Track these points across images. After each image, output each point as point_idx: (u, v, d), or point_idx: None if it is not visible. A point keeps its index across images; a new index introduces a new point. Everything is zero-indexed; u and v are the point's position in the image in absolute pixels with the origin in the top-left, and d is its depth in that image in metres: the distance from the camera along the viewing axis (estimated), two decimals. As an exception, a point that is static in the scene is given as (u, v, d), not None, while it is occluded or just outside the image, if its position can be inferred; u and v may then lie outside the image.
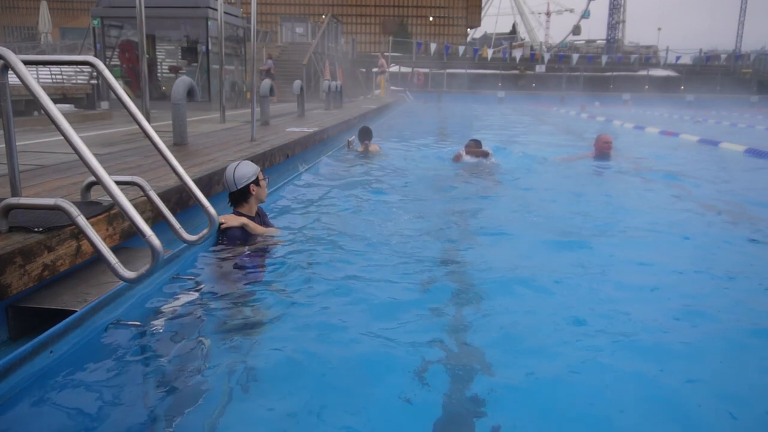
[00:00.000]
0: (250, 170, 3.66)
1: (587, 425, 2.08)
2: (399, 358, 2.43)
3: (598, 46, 54.04)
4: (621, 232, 4.67)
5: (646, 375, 2.36)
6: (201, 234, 2.95)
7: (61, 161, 4.52)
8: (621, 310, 2.99)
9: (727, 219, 5.30)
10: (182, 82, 5.79)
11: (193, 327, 2.62)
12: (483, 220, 5.11)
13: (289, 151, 6.50)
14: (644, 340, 2.67)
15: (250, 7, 7.35)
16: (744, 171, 8.54)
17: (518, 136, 13.01)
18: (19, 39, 37.36)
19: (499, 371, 2.40)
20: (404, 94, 28.08)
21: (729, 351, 2.64)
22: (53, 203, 2.32)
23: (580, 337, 2.72)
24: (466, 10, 41.69)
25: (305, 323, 2.75)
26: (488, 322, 2.87)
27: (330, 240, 4.10)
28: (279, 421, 2.03)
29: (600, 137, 8.02)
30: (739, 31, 48.53)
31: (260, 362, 2.40)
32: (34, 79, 2.32)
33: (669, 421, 2.11)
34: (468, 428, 2.07)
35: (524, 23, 65.70)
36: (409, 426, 2.04)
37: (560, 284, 3.36)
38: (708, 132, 13.88)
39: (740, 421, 2.10)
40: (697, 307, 3.10)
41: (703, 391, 2.30)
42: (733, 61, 35.08)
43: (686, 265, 3.85)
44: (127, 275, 2.22)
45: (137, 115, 2.88)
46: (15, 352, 2.03)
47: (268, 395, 2.19)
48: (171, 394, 2.15)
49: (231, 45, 13.02)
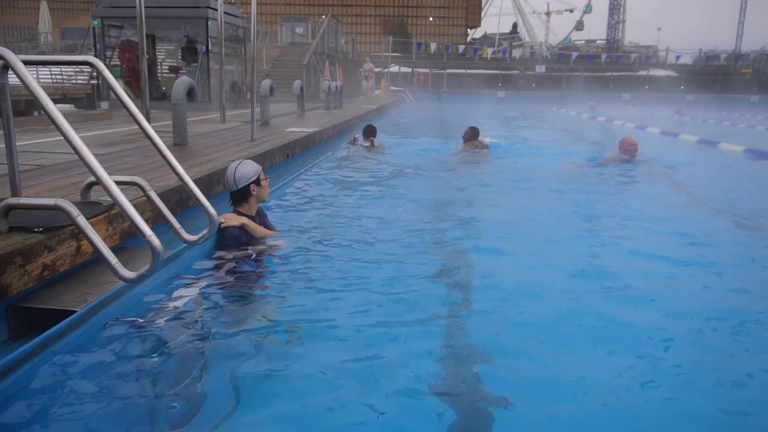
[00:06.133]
0: (251, 170, 3.65)
1: (593, 423, 2.08)
2: (401, 358, 2.43)
3: (598, 46, 53.98)
4: (629, 227, 4.68)
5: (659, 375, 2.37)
6: (201, 234, 2.95)
7: (61, 161, 4.52)
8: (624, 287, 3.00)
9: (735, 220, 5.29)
10: (182, 82, 5.79)
11: (193, 327, 2.62)
12: (486, 211, 5.13)
13: (289, 151, 6.50)
14: (645, 335, 2.67)
15: (250, 7, 7.36)
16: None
17: (521, 134, 13.03)
18: (19, 39, 37.37)
19: (508, 367, 2.40)
20: (404, 94, 28.07)
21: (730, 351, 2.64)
22: (53, 203, 2.32)
23: (592, 330, 2.72)
24: (466, 10, 41.69)
25: (305, 323, 2.75)
26: (492, 320, 2.87)
27: (330, 239, 4.10)
28: (279, 421, 2.03)
29: (625, 140, 7.79)
30: (739, 31, 48.58)
31: (260, 362, 2.40)
32: (34, 79, 2.32)
33: (668, 422, 2.11)
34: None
35: (525, 23, 65.71)
36: (413, 426, 2.04)
37: (569, 278, 3.38)
38: (698, 130, 13.90)
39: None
40: (699, 307, 3.10)
41: (713, 393, 2.30)
42: (733, 61, 35.09)
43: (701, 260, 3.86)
44: (127, 275, 2.22)
45: (137, 115, 2.88)
46: (15, 352, 2.03)
47: (268, 395, 2.19)
48: (171, 393, 2.15)
49: (231, 45, 13.00)
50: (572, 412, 2.14)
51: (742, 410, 2.18)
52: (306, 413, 2.08)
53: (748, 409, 2.19)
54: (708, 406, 2.20)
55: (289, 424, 2.02)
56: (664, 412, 2.15)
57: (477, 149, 8.72)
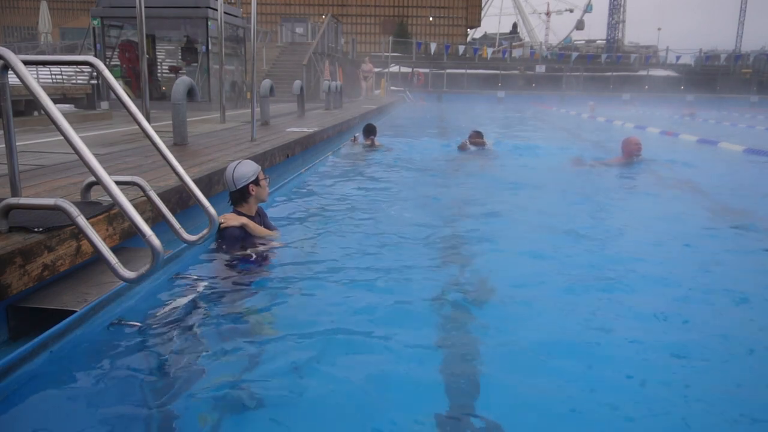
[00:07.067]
0: (250, 170, 3.65)
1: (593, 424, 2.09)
2: (403, 358, 2.43)
3: (598, 46, 54.01)
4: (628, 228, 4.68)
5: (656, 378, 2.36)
6: (201, 234, 2.95)
7: (61, 161, 4.52)
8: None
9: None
10: (182, 82, 5.79)
11: (193, 327, 2.62)
12: (486, 210, 5.13)
13: (289, 151, 6.50)
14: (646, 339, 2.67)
15: (250, 7, 7.36)
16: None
17: (521, 134, 13.03)
18: (19, 39, 37.38)
19: (508, 370, 2.40)
20: (404, 95, 28.08)
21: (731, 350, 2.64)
22: (53, 203, 2.32)
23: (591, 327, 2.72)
24: (466, 10, 41.69)
25: (305, 323, 2.75)
26: (492, 319, 2.87)
27: (330, 239, 4.10)
28: (279, 421, 2.03)
29: (629, 140, 7.71)
30: (739, 31, 48.59)
31: (260, 362, 2.40)
32: (34, 79, 2.32)
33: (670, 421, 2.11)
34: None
35: (524, 23, 65.76)
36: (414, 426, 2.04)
37: (569, 276, 3.38)
38: (707, 130, 13.89)
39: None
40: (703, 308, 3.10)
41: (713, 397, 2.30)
42: (733, 62, 35.08)
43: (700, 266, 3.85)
44: (127, 275, 2.22)
45: (137, 115, 2.88)
46: (15, 352, 2.03)
47: (268, 395, 2.19)
48: (171, 394, 2.15)
49: (231, 45, 13.01)
50: (573, 412, 2.14)
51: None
52: (306, 413, 2.08)
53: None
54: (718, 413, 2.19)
55: (289, 423, 2.02)
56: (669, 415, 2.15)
57: (479, 146, 8.79)
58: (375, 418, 2.06)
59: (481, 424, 2.03)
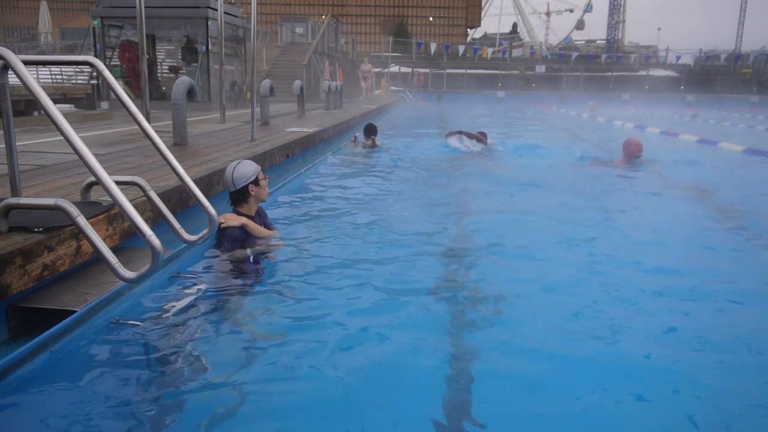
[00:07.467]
0: (249, 170, 3.65)
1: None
2: (403, 358, 2.43)
3: (598, 46, 54.01)
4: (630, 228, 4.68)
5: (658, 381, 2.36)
6: (201, 234, 2.94)
7: (61, 161, 4.52)
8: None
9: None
10: (182, 82, 5.79)
11: (193, 327, 2.62)
12: (486, 210, 5.13)
13: (289, 151, 6.50)
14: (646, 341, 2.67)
15: (250, 7, 7.36)
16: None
17: (521, 134, 13.03)
18: (19, 39, 37.39)
19: (506, 366, 2.40)
20: (404, 95, 28.08)
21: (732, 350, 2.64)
22: (53, 203, 2.32)
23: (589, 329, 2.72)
24: (466, 10, 41.69)
25: (305, 323, 2.75)
26: (493, 320, 2.87)
27: (330, 239, 4.10)
28: (278, 421, 2.03)
29: (630, 141, 7.69)
30: (739, 31, 48.58)
31: (260, 362, 2.40)
32: (34, 79, 2.32)
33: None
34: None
35: (524, 23, 65.78)
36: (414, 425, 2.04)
37: (568, 276, 3.38)
38: (708, 131, 13.89)
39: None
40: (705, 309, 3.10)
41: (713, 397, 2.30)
42: (733, 62, 35.09)
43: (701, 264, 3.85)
44: (127, 275, 2.22)
45: (137, 115, 2.88)
46: (15, 352, 2.03)
47: (268, 395, 2.19)
48: (171, 393, 2.15)
49: (231, 45, 13.01)
50: (573, 413, 2.14)
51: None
52: (306, 413, 2.08)
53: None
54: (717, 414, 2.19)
55: (289, 423, 2.02)
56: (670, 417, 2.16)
57: (478, 141, 8.83)
58: (375, 418, 2.06)
59: (480, 424, 2.03)
